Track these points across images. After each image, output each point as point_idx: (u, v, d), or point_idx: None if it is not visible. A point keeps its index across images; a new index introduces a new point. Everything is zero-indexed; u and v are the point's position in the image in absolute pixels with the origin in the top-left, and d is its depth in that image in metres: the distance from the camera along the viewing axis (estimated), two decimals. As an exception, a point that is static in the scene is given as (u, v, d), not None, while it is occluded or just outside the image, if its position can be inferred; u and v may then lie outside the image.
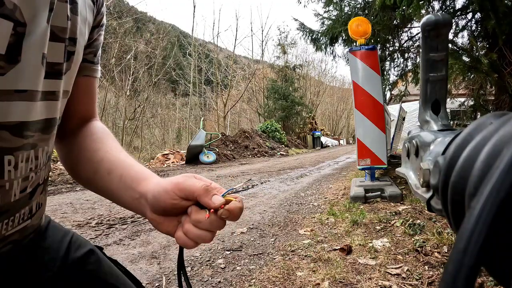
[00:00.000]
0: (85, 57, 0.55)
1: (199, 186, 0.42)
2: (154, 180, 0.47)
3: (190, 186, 0.42)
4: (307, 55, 30.70)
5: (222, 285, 1.68)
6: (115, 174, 0.49)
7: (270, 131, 15.97)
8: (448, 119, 0.38)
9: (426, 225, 2.33)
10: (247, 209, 3.32)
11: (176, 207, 0.43)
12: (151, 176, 0.48)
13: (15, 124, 0.38)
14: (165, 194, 0.43)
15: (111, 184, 0.49)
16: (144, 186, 0.46)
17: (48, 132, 0.46)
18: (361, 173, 4.68)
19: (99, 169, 0.51)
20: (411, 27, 5.25)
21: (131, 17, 14.10)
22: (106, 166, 0.50)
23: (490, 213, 0.14)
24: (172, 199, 0.42)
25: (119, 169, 0.49)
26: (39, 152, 0.45)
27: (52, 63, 0.44)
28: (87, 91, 0.58)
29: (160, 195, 0.43)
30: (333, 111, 37.90)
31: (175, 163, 9.89)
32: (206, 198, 0.42)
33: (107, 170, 0.50)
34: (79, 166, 0.54)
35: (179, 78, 22.58)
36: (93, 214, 3.06)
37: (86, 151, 0.53)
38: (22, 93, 0.39)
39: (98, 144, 0.54)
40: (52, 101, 0.45)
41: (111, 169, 0.50)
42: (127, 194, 0.48)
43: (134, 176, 0.48)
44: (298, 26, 6.43)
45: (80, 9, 0.48)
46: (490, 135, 0.18)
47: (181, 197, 0.42)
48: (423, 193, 0.27)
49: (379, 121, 3.43)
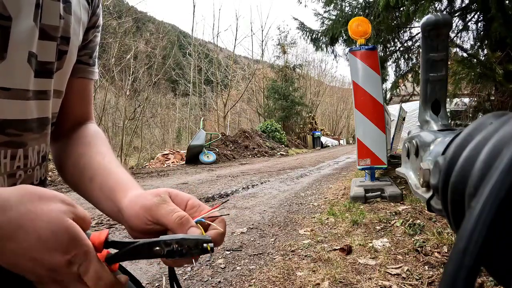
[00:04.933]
0: (80, 58, 0.55)
1: (173, 219, 0.37)
2: (130, 193, 0.42)
3: (163, 217, 0.37)
4: (307, 55, 30.71)
5: (222, 285, 1.68)
6: (95, 182, 0.47)
7: (270, 131, 15.97)
8: (448, 119, 0.38)
9: (426, 225, 2.33)
10: (247, 209, 3.32)
11: (152, 230, 0.39)
12: (127, 188, 0.44)
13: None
14: (137, 219, 0.39)
15: (93, 192, 0.47)
16: (120, 200, 0.42)
17: (38, 131, 0.45)
18: (361, 173, 4.68)
19: (83, 175, 0.49)
20: (411, 27, 5.25)
21: (131, 17, 14.09)
22: (89, 173, 0.48)
23: (490, 213, 0.14)
24: (145, 225, 0.38)
25: (99, 176, 0.47)
26: (28, 151, 0.44)
27: (43, 62, 0.43)
28: (82, 93, 0.58)
29: (131, 219, 0.39)
30: (333, 111, 37.89)
31: (175, 163, 9.90)
32: (181, 233, 0.36)
33: (89, 177, 0.48)
34: (66, 170, 0.53)
35: (179, 78, 22.57)
36: (93, 214, 3.06)
37: (73, 156, 0.52)
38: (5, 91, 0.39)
39: (85, 148, 0.52)
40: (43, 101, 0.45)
41: (92, 177, 0.47)
42: (108, 205, 0.45)
43: (111, 187, 0.45)
44: (298, 26, 6.42)
45: (74, 8, 0.47)
46: (490, 135, 0.18)
47: (154, 223, 0.38)
48: (423, 193, 0.27)
49: (379, 121, 3.43)
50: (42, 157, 0.48)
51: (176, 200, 0.41)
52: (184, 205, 0.40)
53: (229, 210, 3.27)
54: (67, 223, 0.31)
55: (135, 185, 0.45)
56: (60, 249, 0.30)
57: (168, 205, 0.38)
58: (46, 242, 0.30)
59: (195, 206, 0.40)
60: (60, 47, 0.46)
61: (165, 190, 0.41)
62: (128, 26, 13.82)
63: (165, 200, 0.39)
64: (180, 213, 0.37)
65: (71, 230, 0.31)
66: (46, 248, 0.30)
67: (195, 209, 0.40)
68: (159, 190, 0.41)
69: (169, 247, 0.34)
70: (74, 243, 0.31)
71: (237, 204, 3.58)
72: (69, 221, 0.31)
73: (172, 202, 0.39)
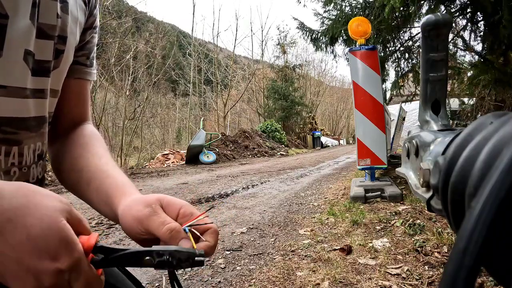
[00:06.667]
0: (77, 59, 0.55)
1: (163, 232, 0.36)
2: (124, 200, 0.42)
3: (154, 230, 0.37)
4: (307, 55, 30.69)
5: (222, 285, 1.68)
6: (93, 186, 0.46)
7: (270, 131, 15.97)
8: (448, 119, 0.38)
9: (426, 225, 2.33)
10: (247, 209, 3.32)
11: (147, 240, 0.39)
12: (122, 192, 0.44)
13: None
14: (131, 229, 0.39)
15: (91, 195, 0.47)
16: (116, 206, 0.42)
17: (35, 130, 0.46)
18: (361, 173, 4.68)
19: (80, 178, 0.49)
20: (411, 27, 5.25)
21: (131, 17, 14.10)
22: (86, 176, 0.48)
23: (490, 213, 0.14)
24: (139, 235, 0.39)
25: (96, 180, 0.47)
26: (24, 149, 0.44)
27: (40, 61, 0.44)
28: (79, 93, 0.58)
29: (126, 228, 0.40)
30: (333, 111, 37.90)
31: (175, 163, 9.90)
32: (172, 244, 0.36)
33: (87, 180, 0.47)
34: (63, 172, 0.53)
35: (179, 78, 22.57)
36: (93, 214, 3.06)
37: (70, 158, 0.52)
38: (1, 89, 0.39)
39: (82, 149, 0.52)
40: (40, 99, 0.45)
41: (90, 180, 0.47)
42: (105, 209, 0.45)
43: (107, 192, 0.45)
44: (298, 26, 6.42)
45: (71, 8, 0.48)
46: (490, 135, 0.18)
47: (147, 233, 0.38)
48: (423, 193, 0.27)
49: (379, 121, 3.43)
50: (39, 155, 0.48)
51: (168, 209, 0.40)
52: (175, 214, 0.40)
53: (229, 210, 3.27)
54: (60, 224, 0.29)
55: (130, 189, 0.45)
56: (50, 252, 0.28)
57: (158, 217, 0.38)
58: (35, 242, 0.27)
59: (187, 215, 0.40)
60: (57, 46, 0.46)
61: (157, 198, 0.40)
62: (128, 26, 13.82)
63: (156, 212, 0.38)
64: (171, 226, 0.37)
65: (64, 232, 0.29)
66: (35, 249, 0.27)
67: (187, 218, 0.39)
68: (150, 199, 0.40)
69: (160, 257, 0.33)
70: (65, 248, 0.29)
71: (237, 204, 3.58)
72: (62, 222, 0.29)
73: (163, 213, 0.39)
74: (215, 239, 0.39)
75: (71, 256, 0.29)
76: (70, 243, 0.29)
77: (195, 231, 0.38)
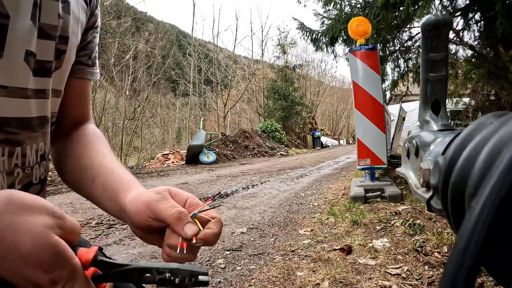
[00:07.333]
0: (79, 59, 0.55)
1: (171, 214, 0.38)
2: (132, 192, 0.44)
3: (162, 212, 0.39)
4: (307, 55, 30.66)
5: (222, 285, 1.68)
6: (98, 183, 0.47)
7: (270, 131, 15.97)
8: (448, 119, 0.38)
9: (426, 225, 2.33)
10: (247, 209, 3.32)
11: (152, 227, 0.41)
12: (129, 187, 0.45)
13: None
14: (138, 216, 0.40)
15: (95, 192, 0.48)
16: (123, 199, 0.43)
17: (37, 130, 0.46)
18: (361, 173, 4.68)
19: (84, 176, 0.49)
20: (411, 27, 5.25)
21: (130, 17, 14.09)
22: (90, 173, 0.49)
23: (490, 213, 0.14)
24: (146, 221, 0.40)
25: (101, 177, 0.48)
26: (26, 149, 0.44)
27: (41, 61, 0.43)
28: (81, 93, 0.58)
29: (133, 216, 0.41)
30: (333, 111, 37.90)
31: (175, 163, 9.90)
32: (178, 227, 0.38)
33: (91, 178, 0.48)
34: (66, 171, 0.53)
35: (179, 78, 22.58)
36: (93, 214, 3.06)
37: (73, 156, 0.52)
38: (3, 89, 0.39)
39: (85, 148, 0.53)
40: (42, 99, 0.45)
41: (94, 177, 0.48)
42: (110, 204, 0.46)
43: (114, 187, 0.46)
44: (298, 26, 6.43)
45: (73, 8, 0.48)
46: (490, 135, 0.18)
47: (154, 219, 0.40)
48: (423, 193, 0.27)
49: (379, 121, 3.43)
50: (41, 156, 0.48)
51: (176, 198, 0.42)
52: (183, 203, 0.42)
53: (229, 210, 3.27)
54: (52, 241, 0.29)
55: (137, 184, 0.46)
56: (43, 267, 0.28)
57: (168, 201, 0.40)
58: (27, 258, 0.28)
59: (194, 205, 0.42)
60: (58, 46, 0.46)
61: (166, 188, 0.42)
62: (127, 26, 13.82)
63: (165, 197, 0.41)
64: (179, 208, 0.39)
65: (56, 249, 0.29)
66: (28, 264, 0.28)
67: (193, 207, 0.41)
68: (160, 188, 0.42)
69: (161, 275, 0.33)
70: (58, 262, 0.29)
71: (237, 204, 3.58)
72: (54, 238, 0.29)
73: (172, 199, 0.41)
74: (219, 228, 0.41)
75: (64, 269, 0.29)
76: (63, 257, 0.29)
77: (203, 215, 0.40)
